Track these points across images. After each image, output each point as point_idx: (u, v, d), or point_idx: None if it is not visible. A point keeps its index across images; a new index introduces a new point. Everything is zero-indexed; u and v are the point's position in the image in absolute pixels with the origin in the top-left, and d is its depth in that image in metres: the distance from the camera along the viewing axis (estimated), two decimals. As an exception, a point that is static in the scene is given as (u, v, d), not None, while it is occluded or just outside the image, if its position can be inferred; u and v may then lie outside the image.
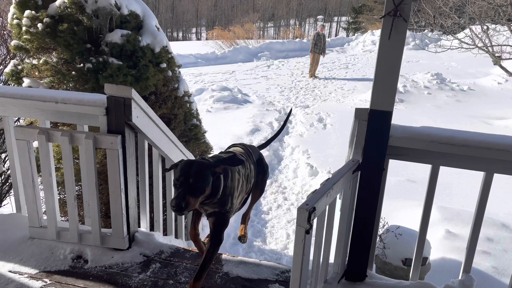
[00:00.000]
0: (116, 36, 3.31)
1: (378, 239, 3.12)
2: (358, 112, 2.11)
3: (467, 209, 4.39)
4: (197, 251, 2.56)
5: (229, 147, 2.55)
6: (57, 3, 3.22)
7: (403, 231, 3.10)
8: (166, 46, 3.69)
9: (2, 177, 3.89)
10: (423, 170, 2.22)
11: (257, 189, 2.61)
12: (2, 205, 4.04)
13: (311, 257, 1.98)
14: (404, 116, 9.01)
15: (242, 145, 2.53)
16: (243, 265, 2.45)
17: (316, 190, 1.82)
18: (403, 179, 5.66)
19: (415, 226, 2.33)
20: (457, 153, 2.01)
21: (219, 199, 2.03)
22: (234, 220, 5.45)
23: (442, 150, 2.02)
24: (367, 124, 2.06)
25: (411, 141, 2.05)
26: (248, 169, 2.34)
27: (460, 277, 2.25)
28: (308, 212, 1.61)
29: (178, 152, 2.95)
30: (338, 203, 2.16)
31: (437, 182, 2.17)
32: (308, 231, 1.63)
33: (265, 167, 2.65)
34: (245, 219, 2.77)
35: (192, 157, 3.26)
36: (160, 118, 2.64)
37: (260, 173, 2.58)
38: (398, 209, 4.60)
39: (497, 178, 2.12)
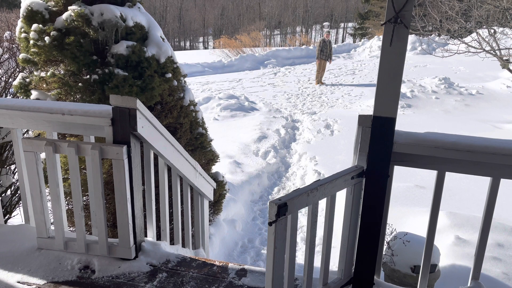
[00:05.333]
0: (122, 47, 3.36)
1: (386, 246, 3.09)
2: (362, 118, 2.10)
3: (476, 214, 4.34)
4: (204, 260, 2.56)
5: None
6: (63, 16, 3.27)
7: (411, 238, 3.07)
8: (171, 56, 3.73)
9: (12, 188, 3.93)
10: (432, 176, 2.20)
11: None
12: (12, 216, 4.08)
13: (302, 259, 1.98)
14: (412, 121, 8.95)
15: None
16: (250, 274, 2.45)
17: (298, 188, 1.82)
18: (411, 185, 5.62)
19: (424, 233, 2.31)
20: (462, 158, 1.99)
21: None
22: (242, 228, 5.45)
23: (447, 156, 2.01)
24: (371, 131, 2.06)
25: (416, 147, 2.04)
26: None
27: (469, 284, 2.22)
28: (277, 206, 1.63)
29: (183, 161, 2.96)
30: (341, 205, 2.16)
31: (446, 188, 2.16)
32: (270, 223, 1.66)
33: None
34: None
35: (198, 166, 3.26)
36: (166, 127, 2.66)
37: None
38: (407, 216, 4.56)
39: (509, 183, 2.09)
